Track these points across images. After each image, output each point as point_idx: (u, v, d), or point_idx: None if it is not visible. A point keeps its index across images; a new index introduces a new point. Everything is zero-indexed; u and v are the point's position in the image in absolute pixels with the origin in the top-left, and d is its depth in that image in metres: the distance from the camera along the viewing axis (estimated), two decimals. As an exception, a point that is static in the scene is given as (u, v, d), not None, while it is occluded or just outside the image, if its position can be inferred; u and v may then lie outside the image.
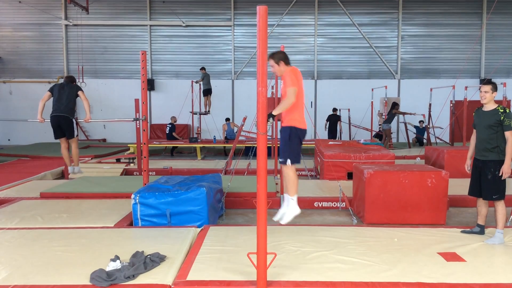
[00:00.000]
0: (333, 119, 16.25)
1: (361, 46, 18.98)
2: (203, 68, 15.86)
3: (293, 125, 4.59)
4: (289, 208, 4.74)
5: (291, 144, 4.61)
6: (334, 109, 16.40)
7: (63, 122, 6.90)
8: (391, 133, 15.89)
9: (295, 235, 5.12)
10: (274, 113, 4.27)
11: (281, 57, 4.62)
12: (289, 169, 4.65)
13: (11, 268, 4.04)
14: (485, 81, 5.09)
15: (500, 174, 4.83)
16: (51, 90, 6.99)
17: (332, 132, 16.23)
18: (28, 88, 18.96)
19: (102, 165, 11.13)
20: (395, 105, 15.01)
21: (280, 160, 4.68)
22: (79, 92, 6.99)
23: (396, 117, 17.57)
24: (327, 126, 16.28)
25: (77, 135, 7.33)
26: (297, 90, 4.44)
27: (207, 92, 15.71)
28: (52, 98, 6.97)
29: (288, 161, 4.59)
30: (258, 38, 3.35)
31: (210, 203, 5.85)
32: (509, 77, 18.06)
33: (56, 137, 7.22)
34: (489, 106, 4.94)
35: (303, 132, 4.68)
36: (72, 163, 7.66)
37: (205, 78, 15.51)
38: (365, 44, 18.94)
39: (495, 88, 4.92)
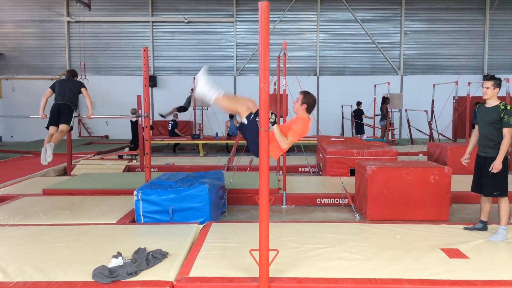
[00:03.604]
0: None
1: (364, 42, 18.92)
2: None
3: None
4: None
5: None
6: (358, 103, 16.31)
7: (64, 109, 6.63)
8: (393, 129, 15.85)
9: (298, 232, 5.11)
10: (274, 127, 4.22)
11: (310, 102, 4.57)
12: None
13: (13, 265, 4.05)
14: (488, 77, 5.06)
15: (501, 171, 4.82)
16: (52, 86, 6.89)
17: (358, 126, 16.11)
18: (31, 84, 18.98)
19: (105, 162, 11.14)
20: (385, 100, 14.94)
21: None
22: (82, 89, 6.91)
23: (398, 114, 17.54)
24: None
25: (71, 128, 6.81)
26: (293, 142, 4.41)
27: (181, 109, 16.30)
28: (54, 94, 6.89)
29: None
30: (260, 34, 3.33)
31: (213, 200, 5.85)
32: (512, 73, 18.00)
33: (50, 124, 6.59)
34: (491, 102, 4.92)
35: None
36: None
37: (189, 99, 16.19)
38: (368, 40, 18.88)
39: (497, 84, 4.89)
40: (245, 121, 4.47)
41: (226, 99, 4.48)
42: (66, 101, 6.68)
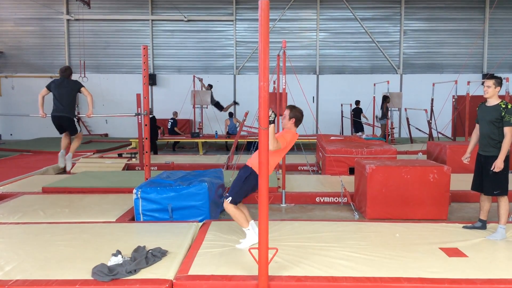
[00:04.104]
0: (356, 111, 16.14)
1: (364, 41, 18.91)
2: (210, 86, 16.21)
3: (254, 169, 4.50)
4: (246, 239, 4.60)
5: (243, 185, 4.55)
6: (357, 102, 16.26)
7: (65, 122, 6.78)
8: (393, 128, 15.85)
9: (297, 230, 5.11)
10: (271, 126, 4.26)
11: (298, 116, 4.64)
12: (229, 206, 4.53)
13: (13, 263, 4.05)
14: (488, 76, 5.06)
15: (502, 170, 4.81)
16: (48, 86, 6.83)
17: (356, 125, 16.05)
18: (30, 83, 18.96)
19: (104, 160, 11.13)
20: (385, 98, 14.95)
21: (226, 194, 4.62)
22: (82, 89, 6.86)
23: (398, 112, 17.54)
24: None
25: (80, 131, 7.17)
26: (278, 149, 4.42)
27: (219, 106, 16.07)
28: (51, 93, 6.87)
29: (230, 198, 4.51)
30: (259, 32, 3.32)
31: (212, 198, 5.85)
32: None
33: (60, 133, 7.12)
34: (492, 101, 4.91)
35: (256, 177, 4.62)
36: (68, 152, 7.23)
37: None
38: (368, 39, 18.87)
39: (498, 83, 4.88)
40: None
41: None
42: (64, 112, 6.71)
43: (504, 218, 4.90)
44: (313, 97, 18.94)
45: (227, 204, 4.55)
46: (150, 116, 13.19)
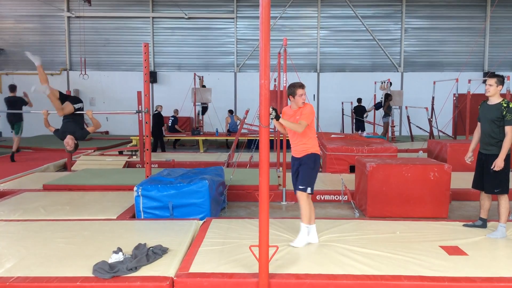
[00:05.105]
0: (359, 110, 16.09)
1: (364, 38, 18.89)
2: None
3: (316, 152, 4.66)
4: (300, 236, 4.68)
5: (313, 172, 4.63)
6: (359, 100, 16.23)
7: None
8: (394, 126, 15.84)
9: (297, 228, 5.10)
10: (280, 120, 4.34)
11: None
12: (307, 198, 4.59)
13: (14, 260, 4.06)
14: (490, 74, 5.05)
15: (503, 168, 4.81)
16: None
17: (358, 123, 15.99)
18: (31, 80, 18.91)
19: (105, 158, 11.14)
20: (388, 96, 14.93)
21: (301, 187, 4.58)
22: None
23: (399, 110, 17.53)
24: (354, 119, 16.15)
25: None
26: (306, 124, 4.55)
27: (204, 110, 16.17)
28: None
29: (309, 189, 4.57)
30: (260, 30, 3.32)
31: (213, 196, 5.86)
32: (513, 70, 17.96)
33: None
34: (494, 100, 4.91)
35: (319, 157, 4.81)
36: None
37: None
38: (368, 36, 18.85)
39: (500, 81, 4.87)
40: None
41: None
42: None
43: (505, 217, 4.91)
44: (314, 95, 18.93)
45: (307, 196, 4.58)
46: (156, 112, 13.46)
